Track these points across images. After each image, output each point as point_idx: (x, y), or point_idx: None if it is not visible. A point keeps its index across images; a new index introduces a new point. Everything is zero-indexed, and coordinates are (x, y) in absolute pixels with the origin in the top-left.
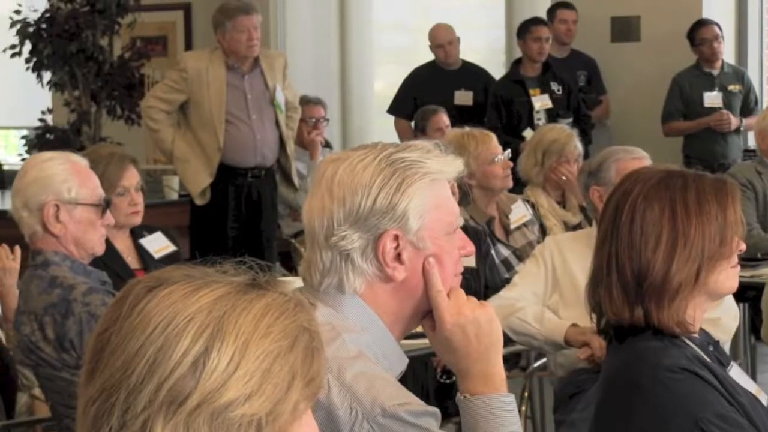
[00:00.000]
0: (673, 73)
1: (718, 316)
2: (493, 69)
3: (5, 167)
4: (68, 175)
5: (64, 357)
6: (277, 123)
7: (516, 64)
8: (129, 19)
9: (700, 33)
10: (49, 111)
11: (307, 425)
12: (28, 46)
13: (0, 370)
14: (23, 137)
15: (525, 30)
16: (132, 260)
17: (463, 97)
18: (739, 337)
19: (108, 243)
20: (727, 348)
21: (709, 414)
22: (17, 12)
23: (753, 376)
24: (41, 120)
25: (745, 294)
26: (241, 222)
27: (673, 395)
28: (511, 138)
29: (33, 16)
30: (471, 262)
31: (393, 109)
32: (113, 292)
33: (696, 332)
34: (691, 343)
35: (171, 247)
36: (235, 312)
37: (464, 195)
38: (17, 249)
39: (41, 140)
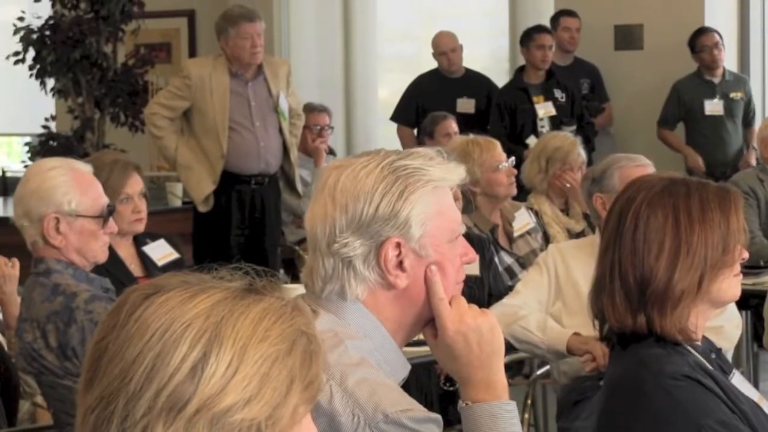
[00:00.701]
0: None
1: (721, 324)
2: (496, 76)
3: (8, 174)
4: (69, 186)
5: (66, 365)
6: (280, 130)
7: (519, 72)
8: (133, 26)
9: (700, 40)
10: (53, 118)
11: (306, 429)
12: (31, 53)
13: (2, 378)
14: (26, 144)
15: (528, 38)
16: (135, 268)
17: (466, 105)
18: (742, 345)
19: (111, 250)
20: (729, 356)
21: (711, 421)
22: (21, 19)
23: (755, 384)
24: (44, 127)
25: (748, 302)
26: (244, 229)
27: (676, 402)
28: (514, 145)
29: (37, 23)
30: (475, 269)
31: (396, 117)
32: (116, 299)
33: (698, 340)
34: (693, 351)
35: (174, 255)
36: (233, 317)
37: (468, 202)
38: (15, 259)
39: (44, 147)
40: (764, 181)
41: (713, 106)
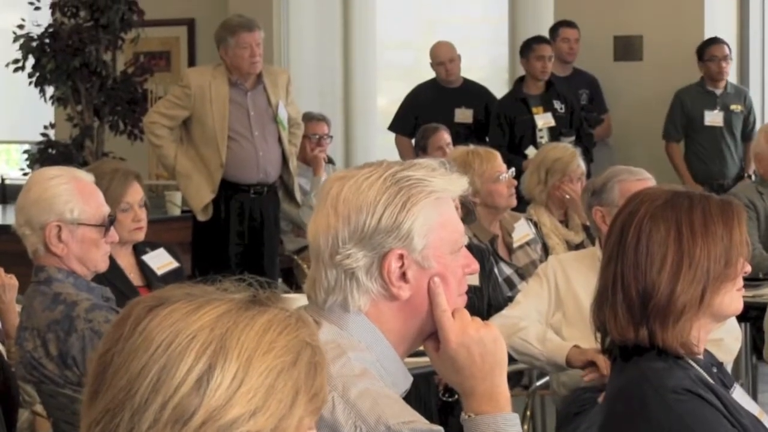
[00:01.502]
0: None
1: (721, 337)
2: (496, 86)
3: (7, 182)
4: (71, 195)
5: (66, 374)
6: (279, 140)
7: (519, 83)
8: (133, 35)
9: (710, 50)
10: (52, 126)
11: None
12: (31, 61)
13: (1, 387)
14: (25, 152)
15: (528, 48)
16: (135, 277)
17: (463, 115)
18: (741, 357)
19: (111, 260)
20: (729, 368)
21: None
22: (20, 26)
23: (754, 396)
24: (43, 135)
25: (747, 314)
26: (243, 238)
27: (677, 416)
28: (513, 156)
29: (36, 31)
30: (474, 280)
31: (394, 127)
32: (116, 308)
33: (700, 353)
34: (695, 365)
35: (173, 264)
36: (238, 329)
37: (468, 213)
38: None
39: (43, 155)
40: (763, 194)
41: (713, 117)
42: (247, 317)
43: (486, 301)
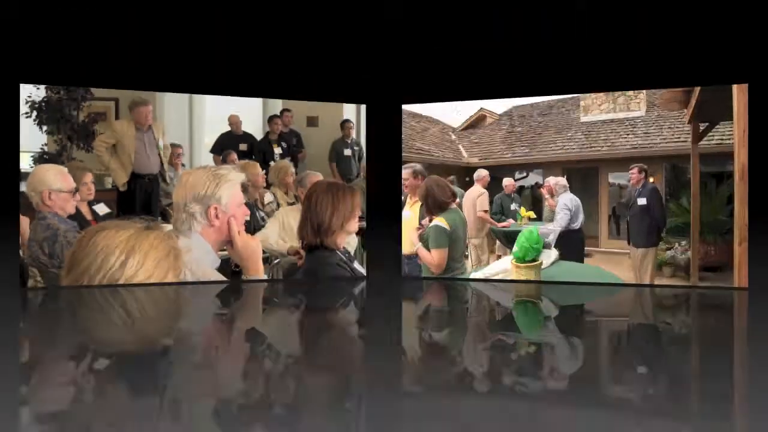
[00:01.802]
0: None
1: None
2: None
3: (22, 170)
4: (55, 177)
5: (53, 261)
6: (159, 155)
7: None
8: (88, 104)
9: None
10: (46, 144)
11: None
12: (34, 113)
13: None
14: (32, 156)
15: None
16: (88, 216)
17: (243, 146)
18: None
19: (76, 209)
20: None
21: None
22: (29, 96)
23: None
24: (41, 148)
25: None
26: (143, 199)
27: (337, 279)
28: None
29: (37, 97)
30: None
31: (212, 150)
32: (79, 231)
33: (341, 249)
34: (339, 253)
35: (108, 210)
36: (140, 239)
37: (245, 189)
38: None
39: (41, 158)
40: None
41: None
42: (144, 234)
43: (253, 226)
